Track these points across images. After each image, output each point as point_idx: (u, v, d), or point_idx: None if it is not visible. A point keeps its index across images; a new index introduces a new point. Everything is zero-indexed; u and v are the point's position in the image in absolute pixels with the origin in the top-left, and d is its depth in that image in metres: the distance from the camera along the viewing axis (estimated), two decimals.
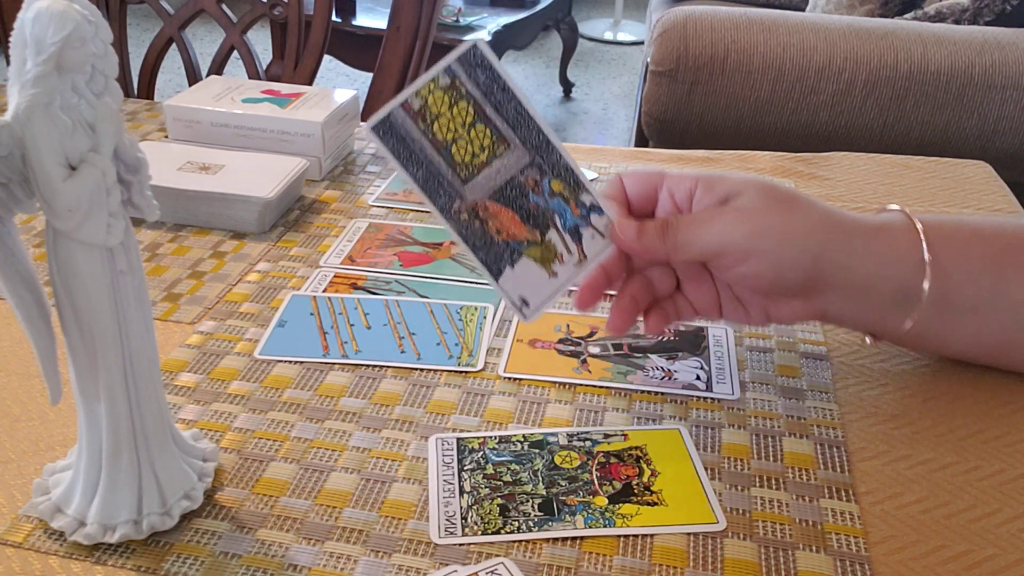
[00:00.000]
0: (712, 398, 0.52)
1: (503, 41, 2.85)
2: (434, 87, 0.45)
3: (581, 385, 0.53)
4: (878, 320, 0.51)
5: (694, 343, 0.57)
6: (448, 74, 0.45)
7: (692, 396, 0.53)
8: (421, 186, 0.45)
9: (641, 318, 0.51)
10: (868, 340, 0.55)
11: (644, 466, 0.47)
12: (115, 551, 0.41)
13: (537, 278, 0.47)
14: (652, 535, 0.43)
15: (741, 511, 0.44)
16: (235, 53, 1.14)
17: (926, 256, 0.49)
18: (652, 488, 0.46)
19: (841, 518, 0.44)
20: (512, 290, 0.47)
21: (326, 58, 1.24)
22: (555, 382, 0.54)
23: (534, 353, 0.56)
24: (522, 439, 0.49)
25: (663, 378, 0.54)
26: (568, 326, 0.59)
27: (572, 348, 0.57)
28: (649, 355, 0.56)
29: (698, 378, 0.54)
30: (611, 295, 0.51)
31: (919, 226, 0.50)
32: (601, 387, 0.53)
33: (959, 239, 0.51)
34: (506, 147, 0.46)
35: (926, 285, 0.49)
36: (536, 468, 0.47)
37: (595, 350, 0.56)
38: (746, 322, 0.53)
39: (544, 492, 0.45)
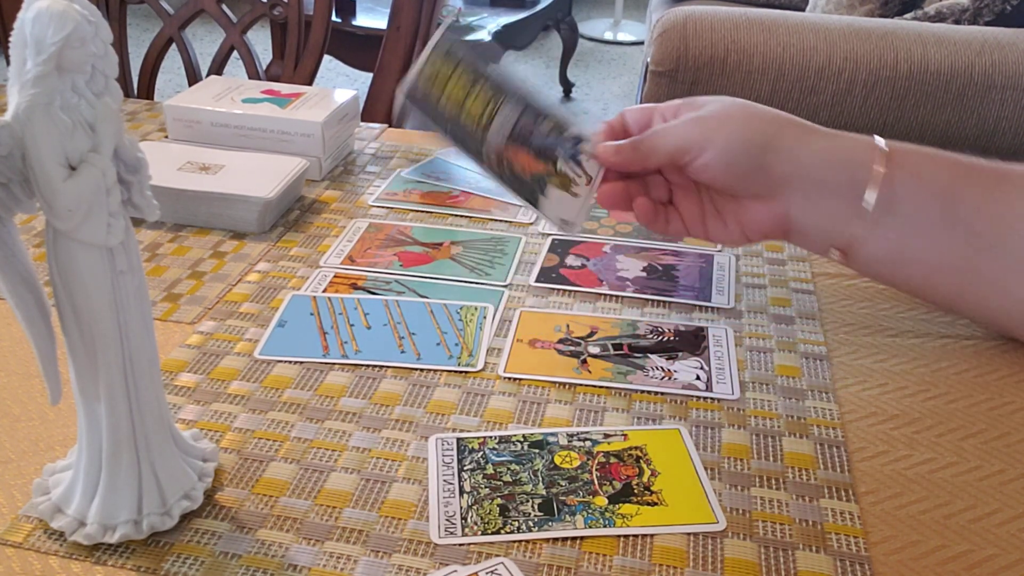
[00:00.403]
0: (712, 398, 0.52)
1: (503, 41, 2.85)
2: (435, 58, 0.58)
3: (581, 385, 0.53)
4: (834, 220, 0.53)
5: (694, 343, 0.57)
6: (441, 48, 0.58)
7: (692, 396, 0.53)
8: (454, 140, 0.57)
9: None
10: (836, 255, 0.55)
11: (644, 466, 0.47)
12: (115, 551, 0.41)
13: (565, 200, 0.57)
14: (652, 535, 0.43)
15: (741, 511, 0.44)
16: (235, 53, 1.14)
17: (878, 164, 0.52)
18: (652, 488, 0.46)
19: (841, 518, 0.44)
20: (552, 213, 0.57)
21: (326, 58, 1.24)
22: (555, 382, 0.54)
23: (534, 353, 0.56)
24: (522, 439, 0.49)
25: (663, 378, 0.54)
26: (568, 326, 0.59)
27: (572, 348, 0.57)
28: (649, 355, 0.56)
29: (698, 378, 0.54)
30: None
31: (879, 140, 0.53)
32: (601, 387, 0.53)
33: (917, 156, 0.53)
34: (503, 99, 0.57)
35: (873, 189, 0.52)
36: (536, 468, 0.47)
37: (595, 350, 0.56)
38: (725, 239, 0.57)
39: (544, 492, 0.45)
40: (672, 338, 0.58)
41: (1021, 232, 0.51)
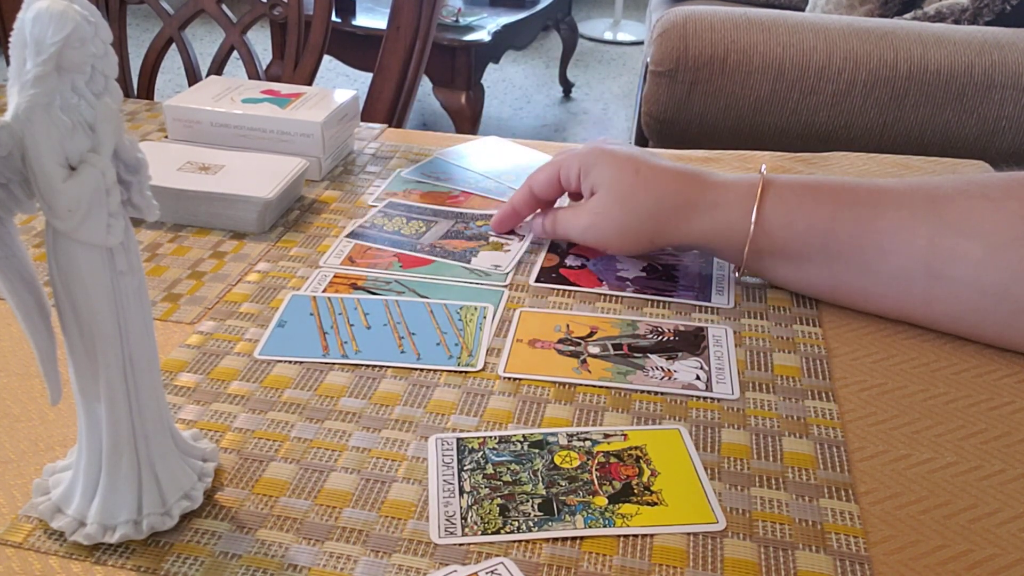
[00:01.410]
0: (712, 398, 0.52)
1: (503, 41, 2.85)
2: (375, 215, 0.71)
3: (581, 385, 0.53)
4: (728, 259, 0.63)
5: (694, 343, 0.57)
6: (381, 212, 0.72)
7: (692, 396, 0.53)
8: (389, 246, 0.67)
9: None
10: (734, 271, 0.64)
11: (644, 466, 0.47)
12: (115, 551, 0.41)
13: (498, 255, 0.67)
14: (652, 535, 0.43)
15: (741, 511, 0.44)
16: (235, 53, 1.14)
17: (752, 219, 0.59)
18: (652, 488, 0.46)
19: (841, 518, 0.44)
20: (483, 264, 0.65)
21: (326, 58, 1.25)
22: (555, 382, 0.54)
23: (534, 353, 0.56)
24: (522, 439, 0.49)
25: (663, 378, 0.54)
26: (568, 326, 0.59)
27: (572, 348, 0.57)
28: (649, 355, 0.56)
29: (698, 378, 0.54)
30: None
31: (758, 192, 0.59)
32: (601, 387, 0.53)
33: (793, 194, 0.59)
34: (438, 220, 0.71)
35: (747, 247, 0.59)
36: (536, 468, 0.47)
37: (595, 350, 0.56)
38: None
39: (544, 492, 0.45)
40: (672, 338, 0.58)
41: (894, 258, 0.56)
